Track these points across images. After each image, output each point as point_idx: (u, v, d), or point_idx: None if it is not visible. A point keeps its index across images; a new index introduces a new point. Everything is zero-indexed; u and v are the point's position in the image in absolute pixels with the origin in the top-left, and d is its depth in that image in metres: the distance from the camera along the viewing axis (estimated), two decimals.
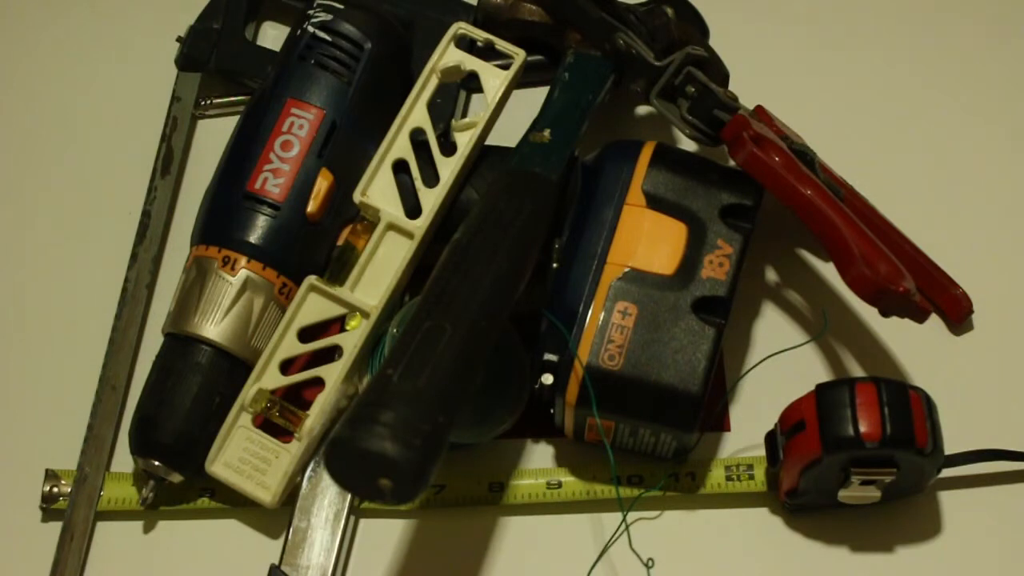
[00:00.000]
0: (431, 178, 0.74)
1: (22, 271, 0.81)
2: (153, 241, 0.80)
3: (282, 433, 0.71)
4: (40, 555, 0.71)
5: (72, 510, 0.72)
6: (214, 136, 0.82)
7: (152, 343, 0.76)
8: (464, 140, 0.75)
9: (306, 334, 0.72)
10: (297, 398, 0.72)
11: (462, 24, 0.77)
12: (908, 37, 0.87)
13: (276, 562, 0.70)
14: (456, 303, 0.63)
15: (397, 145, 0.74)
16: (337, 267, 0.73)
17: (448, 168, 0.74)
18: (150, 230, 0.80)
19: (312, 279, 0.72)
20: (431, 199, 0.73)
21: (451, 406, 0.60)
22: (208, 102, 0.85)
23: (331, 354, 0.72)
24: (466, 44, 0.77)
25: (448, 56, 0.76)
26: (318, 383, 0.71)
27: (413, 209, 0.73)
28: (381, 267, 0.72)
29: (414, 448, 0.57)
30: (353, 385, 0.72)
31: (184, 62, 0.84)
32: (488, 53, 0.77)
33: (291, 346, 0.72)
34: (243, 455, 0.71)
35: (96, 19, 0.89)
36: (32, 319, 0.79)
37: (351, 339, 0.71)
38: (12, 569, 0.72)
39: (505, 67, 0.76)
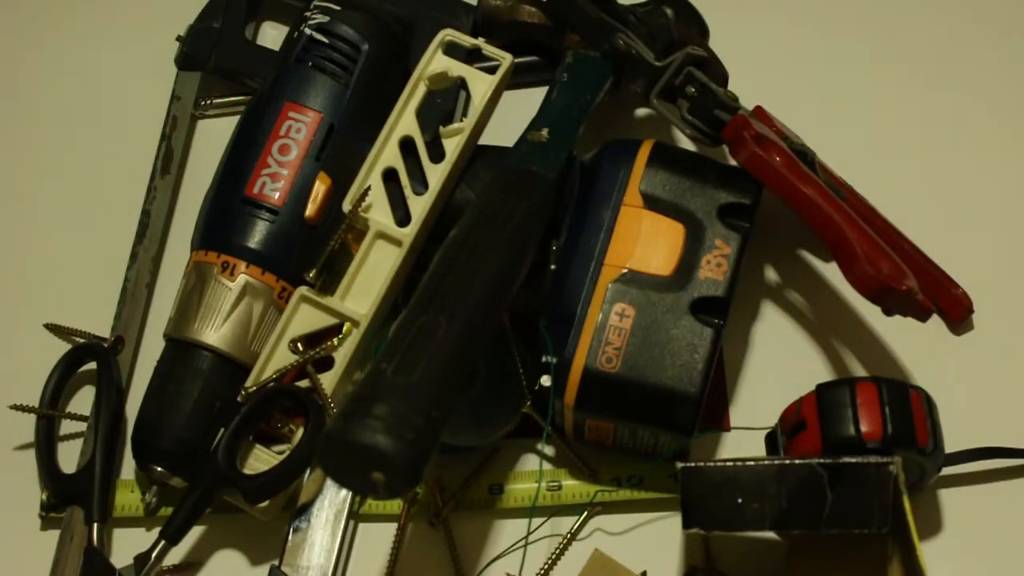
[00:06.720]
0: (420, 185, 0.74)
1: (22, 270, 0.81)
2: (153, 240, 0.80)
3: (275, 442, 0.71)
4: (40, 559, 0.71)
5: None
6: (214, 136, 0.82)
7: (152, 343, 0.77)
8: (451, 146, 0.74)
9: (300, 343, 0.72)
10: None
11: (449, 31, 0.76)
12: (908, 38, 0.87)
13: (276, 563, 0.70)
14: (451, 298, 0.63)
15: (386, 153, 0.74)
16: (329, 276, 0.73)
17: (436, 175, 0.74)
18: (150, 229, 0.80)
19: (303, 290, 0.72)
20: (420, 206, 0.73)
21: (445, 401, 0.59)
22: (208, 102, 0.85)
23: (326, 363, 0.72)
24: (458, 51, 0.76)
25: (435, 63, 0.76)
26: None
27: (403, 216, 0.73)
28: (371, 276, 0.72)
29: (407, 441, 0.56)
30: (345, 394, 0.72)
31: (184, 62, 0.84)
32: (478, 58, 0.76)
33: (283, 357, 0.72)
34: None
35: (96, 18, 0.89)
36: (32, 319, 0.79)
37: (342, 348, 0.71)
38: (12, 570, 0.72)
39: (492, 71, 0.76)
